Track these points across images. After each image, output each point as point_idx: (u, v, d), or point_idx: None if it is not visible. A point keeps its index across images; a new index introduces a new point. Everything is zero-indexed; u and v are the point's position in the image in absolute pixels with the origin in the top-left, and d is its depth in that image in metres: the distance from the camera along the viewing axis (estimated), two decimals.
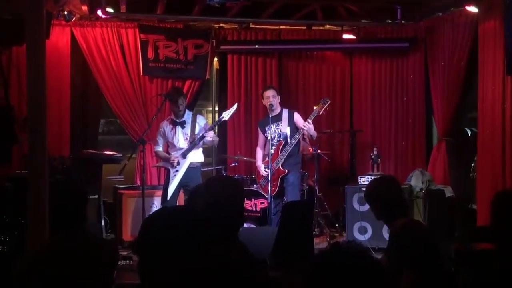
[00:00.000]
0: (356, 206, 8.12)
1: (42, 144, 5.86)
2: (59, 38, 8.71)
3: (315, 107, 7.94)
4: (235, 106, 8.01)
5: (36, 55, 5.86)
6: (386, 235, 7.79)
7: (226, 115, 7.89)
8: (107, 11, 8.32)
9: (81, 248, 3.58)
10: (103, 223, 8.17)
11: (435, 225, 7.82)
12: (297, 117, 7.96)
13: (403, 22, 9.19)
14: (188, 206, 3.00)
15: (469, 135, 9.21)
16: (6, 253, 6.47)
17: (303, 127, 7.65)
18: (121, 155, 8.47)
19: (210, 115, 10.62)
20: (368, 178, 8.20)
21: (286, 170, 7.75)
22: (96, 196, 8.00)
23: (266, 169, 7.77)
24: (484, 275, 3.51)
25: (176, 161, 7.78)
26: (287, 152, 7.74)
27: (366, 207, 8.03)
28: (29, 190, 5.85)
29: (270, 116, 7.84)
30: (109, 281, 3.68)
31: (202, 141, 7.76)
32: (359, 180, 8.28)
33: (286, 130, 7.86)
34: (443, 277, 3.53)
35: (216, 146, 8.35)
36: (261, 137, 8.21)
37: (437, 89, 9.10)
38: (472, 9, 7.99)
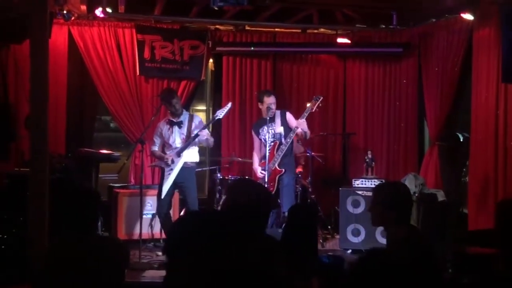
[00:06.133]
0: (350, 208, 8.22)
1: (44, 142, 5.95)
2: (57, 36, 8.68)
3: (308, 104, 8.04)
4: (229, 105, 8.08)
5: (40, 55, 5.95)
6: (380, 238, 7.93)
7: (220, 113, 7.95)
8: (106, 11, 8.36)
9: (94, 248, 3.66)
10: (99, 222, 8.20)
11: (427, 229, 7.93)
12: (289, 116, 8.07)
13: (397, 27, 9.28)
14: (216, 210, 3.06)
15: (461, 140, 9.33)
16: (5, 251, 6.52)
17: (297, 125, 7.75)
18: (119, 154, 8.53)
19: (204, 115, 10.66)
20: (362, 181, 8.31)
21: (283, 170, 7.84)
22: None
23: (262, 171, 7.86)
24: (487, 279, 3.61)
25: (170, 159, 7.82)
26: (283, 152, 7.83)
27: (360, 209, 8.17)
28: (30, 188, 5.92)
29: (268, 118, 7.90)
30: (121, 279, 3.77)
31: (197, 139, 7.80)
32: (353, 183, 8.38)
33: (280, 130, 7.96)
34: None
35: (211, 146, 8.38)
36: (256, 141, 8.29)
37: (430, 94, 9.20)
38: (468, 16, 8.09)
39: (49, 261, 3.62)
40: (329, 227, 9.15)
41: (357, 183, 8.35)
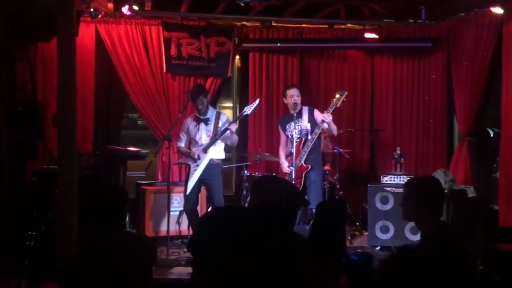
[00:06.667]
0: (378, 205, 8.15)
1: (72, 141, 5.95)
2: (84, 34, 8.70)
3: (333, 100, 7.95)
4: (257, 101, 8.05)
5: (67, 53, 5.95)
6: (409, 234, 7.86)
7: (248, 109, 7.91)
8: (133, 9, 8.38)
9: (122, 246, 3.66)
10: (126, 219, 8.23)
11: (457, 225, 7.84)
12: (317, 113, 8.00)
13: (426, 22, 9.17)
14: (242, 207, 3.04)
15: (491, 135, 9.21)
16: (34, 247, 6.57)
17: (323, 119, 7.69)
18: (146, 151, 8.56)
19: (230, 112, 10.65)
20: (391, 177, 8.24)
21: (309, 166, 7.78)
22: None
23: (290, 166, 7.81)
24: None
25: (197, 154, 7.81)
26: (309, 148, 7.77)
27: (389, 206, 8.09)
28: (58, 187, 5.94)
29: (295, 114, 7.85)
30: (148, 276, 3.76)
31: (223, 135, 7.78)
32: (381, 180, 8.31)
33: (307, 126, 7.90)
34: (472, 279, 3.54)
35: (235, 145, 8.35)
36: (282, 136, 8.25)
37: (460, 89, 9.09)
38: (497, 10, 7.98)
39: (77, 258, 3.63)
40: (357, 224, 9.09)
41: (386, 179, 8.28)
